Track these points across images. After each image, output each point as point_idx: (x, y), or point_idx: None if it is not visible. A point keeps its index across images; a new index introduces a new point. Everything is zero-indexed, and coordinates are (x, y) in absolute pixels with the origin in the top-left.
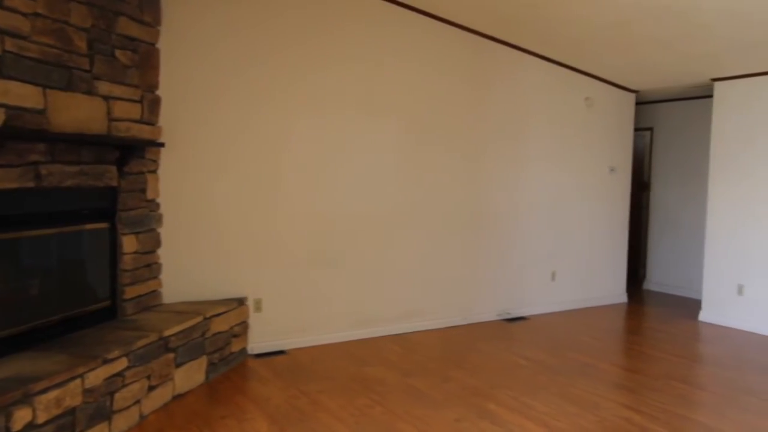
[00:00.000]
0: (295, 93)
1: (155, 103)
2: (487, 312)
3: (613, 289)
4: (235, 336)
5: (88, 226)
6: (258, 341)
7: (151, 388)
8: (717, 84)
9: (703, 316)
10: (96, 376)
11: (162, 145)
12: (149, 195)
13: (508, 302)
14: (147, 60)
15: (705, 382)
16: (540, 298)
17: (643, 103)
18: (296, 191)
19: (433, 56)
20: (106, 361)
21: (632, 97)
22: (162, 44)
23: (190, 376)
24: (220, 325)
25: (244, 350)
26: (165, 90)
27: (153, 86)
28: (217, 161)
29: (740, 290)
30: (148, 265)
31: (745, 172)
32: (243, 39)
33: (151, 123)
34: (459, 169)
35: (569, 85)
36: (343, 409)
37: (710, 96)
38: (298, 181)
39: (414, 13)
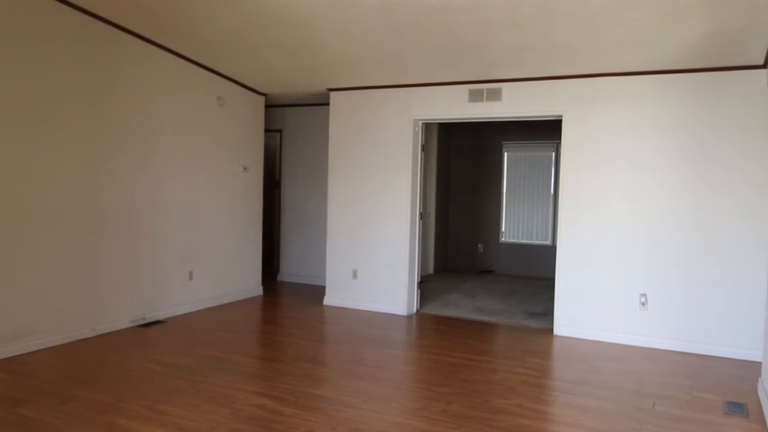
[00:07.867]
0: None
1: None
2: (121, 320)
3: (250, 283)
4: None
5: None
6: None
7: None
8: (332, 93)
9: (327, 300)
10: None
11: None
12: None
13: (144, 306)
14: None
15: (327, 359)
16: (178, 299)
17: (274, 106)
18: None
19: (45, 38)
20: None
21: (261, 99)
22: None
23: None
24: None
25: None
26: None
27: None
28: None
29: (354, 275)
30: None
31: (355, 171)
32: None
33: None
34: (80, 168)
35: (202, 83)
36: None
37: (328, 103)
38: None
39: None
